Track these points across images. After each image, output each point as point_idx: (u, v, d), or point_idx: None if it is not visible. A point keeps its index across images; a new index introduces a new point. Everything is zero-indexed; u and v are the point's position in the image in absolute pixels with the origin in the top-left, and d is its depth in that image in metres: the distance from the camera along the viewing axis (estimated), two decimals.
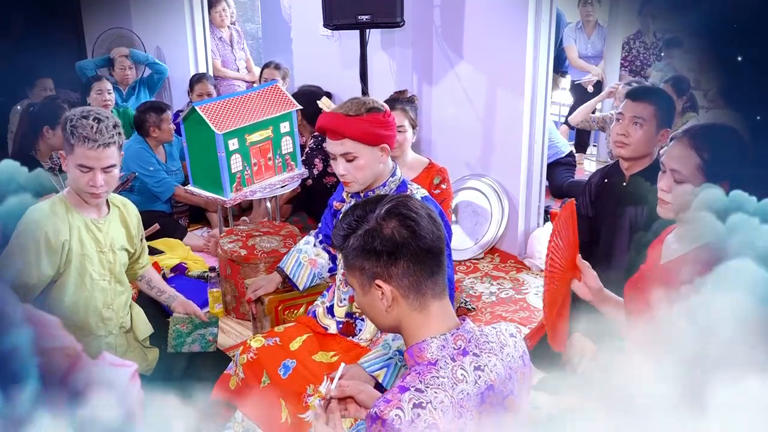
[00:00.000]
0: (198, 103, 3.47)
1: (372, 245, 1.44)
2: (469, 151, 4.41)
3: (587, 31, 6.13)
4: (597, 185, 2.78)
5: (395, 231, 1.44)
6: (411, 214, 1.45)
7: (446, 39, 4.34)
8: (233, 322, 3.53)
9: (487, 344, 1.49)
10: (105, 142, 2.29)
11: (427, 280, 1.46)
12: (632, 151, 2.58)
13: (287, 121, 3.65)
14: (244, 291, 3.49)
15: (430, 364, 1.43)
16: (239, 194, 3.52)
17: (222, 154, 3.38)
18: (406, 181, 2.39)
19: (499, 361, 1.48)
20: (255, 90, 3.69)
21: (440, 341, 1.45)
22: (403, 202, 1.48)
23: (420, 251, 1.44)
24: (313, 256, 2.67)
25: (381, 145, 2.28)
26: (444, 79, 4.43)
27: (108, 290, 2.49)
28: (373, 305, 1.50)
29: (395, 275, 1.45)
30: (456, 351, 1.45)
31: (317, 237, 2.73)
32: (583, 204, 2.78)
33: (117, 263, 2.52)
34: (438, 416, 1.35)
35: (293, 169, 3.74)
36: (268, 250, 3.49)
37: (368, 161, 2.27)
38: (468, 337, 1.47)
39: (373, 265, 1.45)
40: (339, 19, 3.90)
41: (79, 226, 2.40)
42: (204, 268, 3.92)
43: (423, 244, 1.44)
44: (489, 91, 4.23)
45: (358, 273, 1.49)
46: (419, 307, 1.47)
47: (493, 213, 4.27)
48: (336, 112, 2.27)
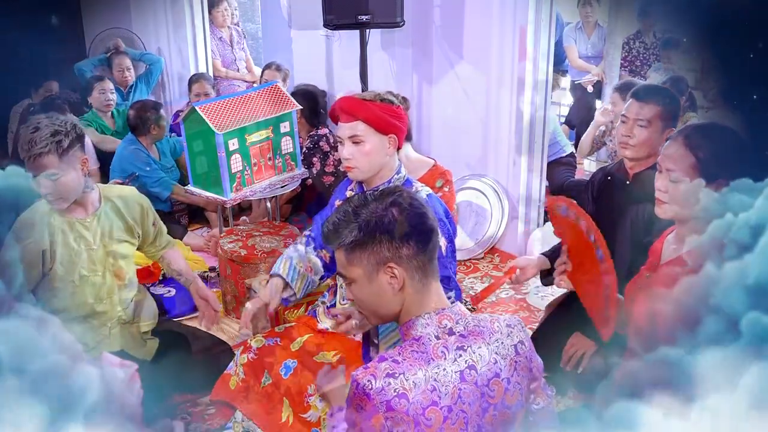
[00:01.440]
0: (198, 103, 3.47)
1: (382, 229, 1.52)
2: (469, 150, 4.41)
3: (587, 32, 6.13)
4: (600, 182, 2.77)
5: (404, 213, 1.53)
6: (412, 201, 1.56)
7: (446, 39, 4.34)
8: (233, 322, 3.53)
9: (477, 328, 1.56)
10: (36, 153, 2.27)
11: (431, 261, 1.56)
12: (637, 152, 2.57)
13: (287, 121, 3.65)
14: (244, 291, 3.50)
15: (414, 339, 1.52)
16: (239, 194, 3.52)
17: (222, 154, 3.38)
18: (410, 180, 2.40)
19: (485, 345, 1.55)
20: (255, 90, 3.69)
21: (425, 319, 1.54)
22: (398, 191, 1.58)
23: (425, 232, 1.54)
24: (307, 263, 2.59)
25: (390, 135, 2.30)
26: (444, 79, 4.43)
27: (101, 285, 2.50)
28: (380, 293, 1.56)
29: (405, 256, 1.52)
30: (441, 329, 1.53)
31: (308, 243, 2.63)
32: (586, 200, 2.78)
33: (112, 256, 2.52)
34: (408, 387, 1.44)
35: (293, 169, 3.74)
36: (268, 250, 3.49)
37: (374, 147, 2.29)
38: (456, 318, 1.55)
39: (384, 249, 1.52)
40: (339, 19, 3.89)
41: (63, 229, 2.41)
42: (204, 268, 3.92)
43: (429, 225, 1.55)
44: (489, 91, 4.23)
45: (364, 262, 1.54)
46: (421, 288, 1.55)
47: (493, 213, 4.27)
48: (352, 96, 2.33)
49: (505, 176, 4.28)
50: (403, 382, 1.44)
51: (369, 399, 1.43)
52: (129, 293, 2.63)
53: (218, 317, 2.78)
